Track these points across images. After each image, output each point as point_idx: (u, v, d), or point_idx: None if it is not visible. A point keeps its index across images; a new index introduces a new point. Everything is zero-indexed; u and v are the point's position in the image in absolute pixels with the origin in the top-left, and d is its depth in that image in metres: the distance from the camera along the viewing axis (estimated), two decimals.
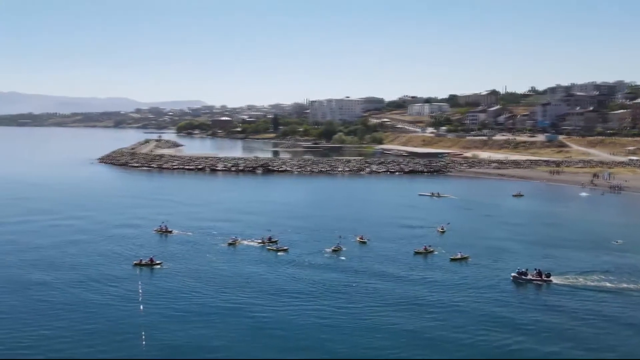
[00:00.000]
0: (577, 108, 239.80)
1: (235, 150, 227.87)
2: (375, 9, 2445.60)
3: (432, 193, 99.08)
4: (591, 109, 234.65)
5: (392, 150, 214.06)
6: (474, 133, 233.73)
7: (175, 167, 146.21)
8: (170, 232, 63.99)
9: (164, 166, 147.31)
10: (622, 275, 47.87)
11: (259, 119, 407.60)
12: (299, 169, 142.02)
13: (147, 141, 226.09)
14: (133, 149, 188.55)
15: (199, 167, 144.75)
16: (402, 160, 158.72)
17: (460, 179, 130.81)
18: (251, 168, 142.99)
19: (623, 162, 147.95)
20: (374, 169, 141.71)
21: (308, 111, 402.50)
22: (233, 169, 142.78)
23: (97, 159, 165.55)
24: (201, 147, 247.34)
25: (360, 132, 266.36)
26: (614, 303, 41.69)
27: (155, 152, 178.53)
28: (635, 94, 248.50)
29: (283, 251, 56.38)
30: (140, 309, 39.66)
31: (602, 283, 45.66)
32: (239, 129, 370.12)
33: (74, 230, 66.24)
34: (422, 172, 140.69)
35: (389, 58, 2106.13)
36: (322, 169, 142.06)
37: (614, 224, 73.84)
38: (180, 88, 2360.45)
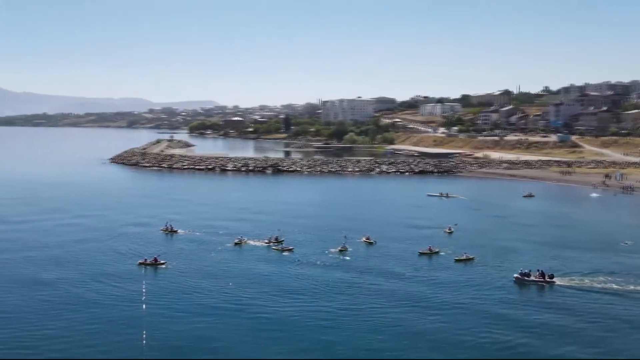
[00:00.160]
0: (591, 108, 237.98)
1: (246, 150, 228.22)
2: (388, 8, 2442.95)
3: (441, 193, 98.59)
4: (605, 108, 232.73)
5: (403, 150, 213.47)
6: (485, 133, 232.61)
7: (185, 167, 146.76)
8: (176, 231, 64.15)
9: (174, 166, 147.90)
10: (629, 277, 47.17)
11: (271, 119, 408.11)
12: (308, 169, 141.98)
13: (158, 141, 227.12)
14: (144, 149, 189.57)
15: (209, 167, 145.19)
16: (412, 160, 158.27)
17: (470, 179, 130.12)
18: (261, 168, 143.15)
19: (636, 162, 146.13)
20: (383, 169, 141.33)
21: (320, 111, 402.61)
22: (243, 169, 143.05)
23: (108, 159, 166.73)
24: (213, 147, 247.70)
25: (371, 132, 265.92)
26: (619, 304, 41.08)
27: (166, 152, 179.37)
28: None
29: (288, 251, 56.30)
30: (143, 308, 39.74)
31: (609, 285, 45.02)
32: (250, 129, 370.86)
33: (81, 229, 66.61)
34: (432, 172, 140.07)
35: (401, 58, 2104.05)
36: (332, 169, 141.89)
37: (624, 225, 72.97)
38: (194, 88, 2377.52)
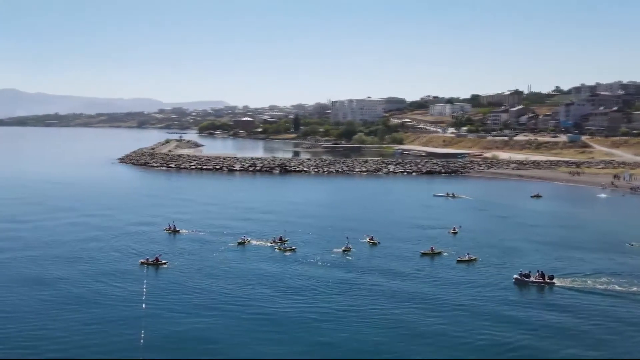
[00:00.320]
0: (601, 108, 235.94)
1: (255, 150, 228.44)
2: (399, 9, 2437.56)
3: (447, 194, 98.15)
4: (615, 108, 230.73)
5: (412, 150, 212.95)
6: (495, 133, 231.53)
7: (193, 167, 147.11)
8: (178, 231, 64.26)
9: (182, 166, 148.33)
10: (633, 278, 46.68)
11: (280, 119, 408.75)
12: (316, 169, 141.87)
13: (167, 141, 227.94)
14: (153, 149, 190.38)
15: (217, 167, 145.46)
16: (420, 160, 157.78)
17: (478, 179, 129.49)
18: (268, 168, 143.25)
19: None
20: (391, 170, 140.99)
21: (329, 111, 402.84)
22: (250, 169, 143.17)
23: (117, 159, 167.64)
24: (222, 147, 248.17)
25: (380, 132, 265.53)
26: (621, 306, 40.59)
27: (175, 152, 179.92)
28: None
29: (290, 251, 56.22)
30: (143, 307, 39.75)
31: (611, 286, 44.50)
32: (260, 129, 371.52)
33: (85, 229, 66.87)
34: (440, 172, 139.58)
35: (412, 59, 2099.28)
36: (339, 170, 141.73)
37: (630, 225, 72.09)
38: (204, 89, 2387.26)
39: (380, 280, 46.76)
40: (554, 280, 45.18)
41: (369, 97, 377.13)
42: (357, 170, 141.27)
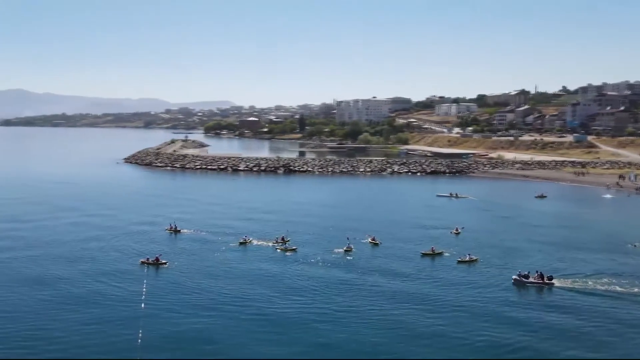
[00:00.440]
0: (608, 108, 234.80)
1: (261, 150, 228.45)
2: (406, 9, 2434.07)
3: (451, 194, 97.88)
4: (622, 108, 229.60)
5: (417, 150, 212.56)
6: (500, 133, 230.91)
7: (197, 167, 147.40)
8: (179, 231, 64.36)
9: (187, 166, 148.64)
10: (634, 279, 46.35)
11: (286, 119, 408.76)
12: (320, 170, 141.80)
13: (173, 141, 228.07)
14: (158, 149, 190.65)
15: (222, 167, 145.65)
16: (425, 160, 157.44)
17: (483, 179, 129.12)
18: (273, 168, 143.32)
19: None
20: (395, 170, 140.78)
21: (335, 111, 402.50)
22: (255, 169, 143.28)
23: (122, 159, 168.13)
24: (228, 147, 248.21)
25: (385, 132, 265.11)
26: (620, 307, 40.27)
27: (180, 152, 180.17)
28: None
29: (291, 251, 56.19)
30: (142, 307, 39.76)
31: (612, 287, 44.19)
32: (265, 130, 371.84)
33: (87, 228, 67.14)
34: (444, 172, 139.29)
35: (418, 58, 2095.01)
36: (344, 170, 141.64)
37: (634, 226, 71.50)
38: (211, 89, 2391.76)
39: (380, 280, 46.63)
40: (553, 281, 44.94)
41: (374, 97, 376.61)
42: (361, 170, 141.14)
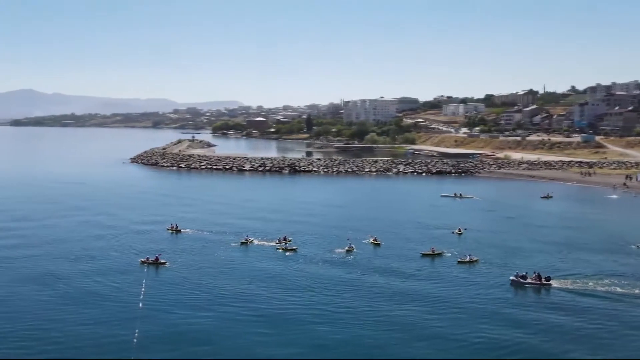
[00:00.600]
0: (616, 108, 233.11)
1: (268, 150, 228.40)
2: (413, 9, 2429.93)
3: (455, 194, 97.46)
4: (631, 108, 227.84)
5: (423, 150, 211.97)
6: (507, 133, 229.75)
7: (203, 167, 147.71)
8: (180, 230, 64.42)
9: (193, 166, 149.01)
10: (635, 280, 45.88)
11: (293, 119, 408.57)
12: (325, 170, 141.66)
13: (179, 141, 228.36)
14: (164, 149, 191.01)
15: (227, 167, 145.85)
16: (430, 160, 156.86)
17: (489, 180, 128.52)
18: (278, 168, 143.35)
19: None
20: (401, 170, 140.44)
21: (343, 111, 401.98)
22: (260, 169, 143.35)
23: (129, 159, 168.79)
24: (235, 147, 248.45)
25: (392, 132, 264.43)
26: (619, 308, 39.92)
27: (186, 152, 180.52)
28: None
29: (291, 251, 56.09)
30: (140, 306, 39.79)
31: (613, 288, 43.79)
32: (272, 130, 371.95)
33: (90, 227, 67.58)
34: (450, 172, 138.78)
35: (426, 58, 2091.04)
36: (349, 170, 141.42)
37: (639, 227, 70.99)
38: (219, 89, 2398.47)
39: (379, 280, 46.43)
40: (551, 282, 44.60)
41: (381, 97, 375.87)
42: (366, 170, 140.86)
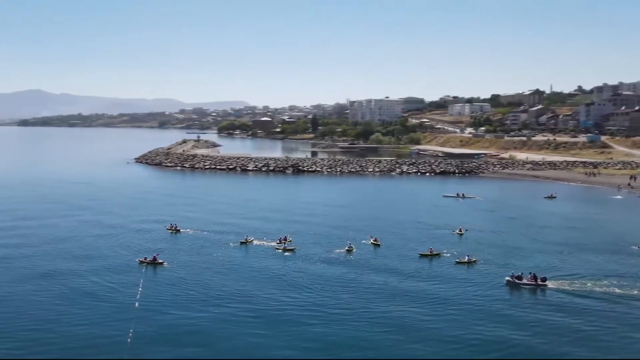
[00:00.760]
0: (623, 107, 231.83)
1: (273, 150, 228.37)
2: (418, 9, 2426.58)
3: (457, 194, 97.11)
4: (637, 108, 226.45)
5: (428, 150, 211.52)
6: (513, 134, 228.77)
7: (207, 167, 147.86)
8: (179, 230, 64.43)
9: (196, 166, 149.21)
10: (634, 281, 45.55)
11: (299, 119, 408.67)
12: (329, 170, 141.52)
13: (185, 141, 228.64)
14: (169, 149, 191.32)
15: (230, 167, 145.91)
16: (434, 160, 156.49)
17: (493, 180, 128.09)
18: (281, 168, 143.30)
19: None
20: (404, 170, 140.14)
21: (348, 111, 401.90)
22: (264, 169, 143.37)
23: (133, 159, 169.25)
24: (240, 147, 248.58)
25: (397, 132, 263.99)
26: (617, 309, 39.54)
27: (190, 152, 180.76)
28: None
29: (290, 251, 55.98)
30: (136, 306, 39.79)
31: (611, 289, 43.41)
32: (278, 130, 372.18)
33: (90, 227, 67.75)
34: (454, 173, 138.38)
35: (432, 58, 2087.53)
36: (352, 170, 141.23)
37: None
38: (225, 89, 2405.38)
39: (376, 281, 46.25)
40: (547, 283, 44.30)
41: (387, 97, 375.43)
42: (370, 170, 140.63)
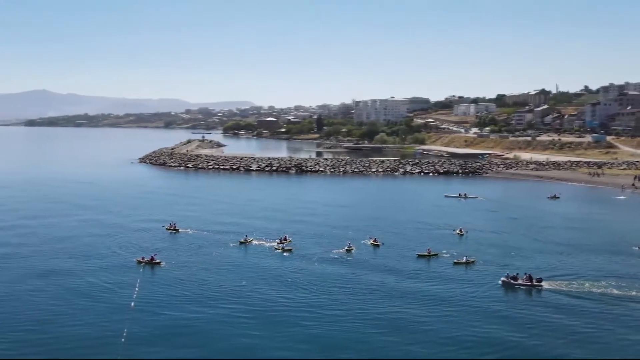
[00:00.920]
0: (629, 107, 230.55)
1: (278, 150, 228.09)
2: (424, 9, 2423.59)
3: (460, 194, 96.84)
4: None
5: (433, 150, 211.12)
6: (518, 134, 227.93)
7: (210, 167, 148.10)
8: (177, 230, 64.46)
9: (200, 166, 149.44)
10: (633, 282, 45.29)
11: (304, 119, 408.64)
12: (332, 170, 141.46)
13: (189, 141, 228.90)
14: (173, 149, 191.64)
15: (234, 167, 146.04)
16: (437, 160, 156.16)
17: (496, 180, 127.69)
18: (285, 168, 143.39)
19: None
20: (408, 170, 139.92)
21: (354, 111, 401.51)
22: (267, 169, 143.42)
23: (137, 159, 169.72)
24: (245, 147, 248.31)
25: (402, 132, 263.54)
26: (614, 310, 39.31)
27: (194, 152, 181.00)
28: None
29: (288, 251, 55.93)
30: (132, 306, 39.78)
31: (609, 289, 43.14)
32: (283, 130, 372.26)
33: (91, 226, 67.96)
34: (457, 173, 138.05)
35: (438, 58, 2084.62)
36: (356, 170, 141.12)
37: None
38: (231, 89, 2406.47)
39: (373, 281, 46.12)
40: (542, 283, 44.08)
41: (392, 97, 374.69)
42: (373, 170, 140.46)
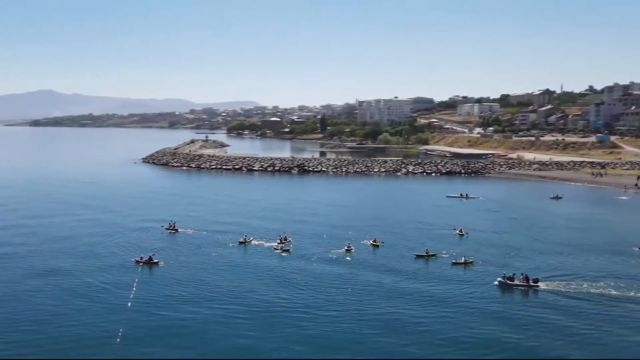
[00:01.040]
0: (633, 107, 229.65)
1: (281, 150, 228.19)
2: (428, 9, 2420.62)
3: (461, 194, 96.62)
4: None
5: (436, 150, 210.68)
6: (521, 134, 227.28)
7: (213, 167, 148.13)
8: (177, 230, 64.45)
9: (202, 166, 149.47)
10: (633, 282, 45.10)
11: (308, 119, 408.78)
12: (334, 170, 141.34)
13: (192, 141, 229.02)
14: (176, 149, 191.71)
15: (236, 167, 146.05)
16: (440, 161, 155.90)
17: (499, 180, 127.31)
18: (287, 168, 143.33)
19: None
20: (410, 170, 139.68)
21: (357, 111, 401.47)
22: (269, 169, 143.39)
23: (140, 159, 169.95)
24: (249, 147, 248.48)
25: (405, 132, 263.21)
26: (612, 311, 39.12)
27: (197, 152, 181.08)
28: None
29: (286, 251, 55.87)
30: (128, 306, 39.80)
31: (608, 290, 42.96)
32: (287, 130, 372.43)
33: (91, 226, 68.09)
34: (460, 173, 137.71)
35: (443, 58, 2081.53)
36: (358, 170, 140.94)
37: None
38: (235, 89, 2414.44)
39: (371, 281, 46.04)
40: (539, 284, 43.89)
41: (396, 97, 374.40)
42: (375, 170, 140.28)
